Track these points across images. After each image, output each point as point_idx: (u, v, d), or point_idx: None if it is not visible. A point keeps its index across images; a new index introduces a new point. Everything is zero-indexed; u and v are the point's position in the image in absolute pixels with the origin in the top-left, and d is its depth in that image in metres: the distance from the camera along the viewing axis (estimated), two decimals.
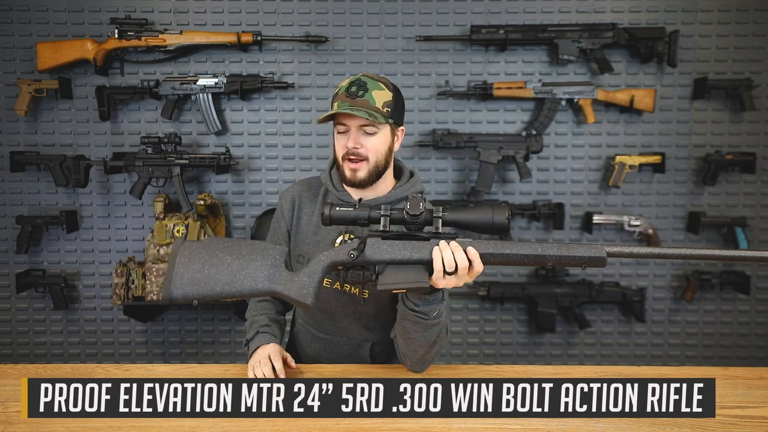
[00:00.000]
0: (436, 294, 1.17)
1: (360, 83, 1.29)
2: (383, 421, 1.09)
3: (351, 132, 1.30)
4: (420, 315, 1.18)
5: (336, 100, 1.30)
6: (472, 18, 2.46)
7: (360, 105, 1.26)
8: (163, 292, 1.06)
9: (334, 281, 1.37)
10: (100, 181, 2.52)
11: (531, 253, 1.08)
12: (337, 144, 1.34)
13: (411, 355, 1.27)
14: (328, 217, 1.12)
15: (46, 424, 1.08)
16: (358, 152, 1.29)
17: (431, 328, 1.21)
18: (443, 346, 1.28)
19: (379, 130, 1.30)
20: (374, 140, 1.30)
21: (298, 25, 2.47)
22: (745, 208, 2.54)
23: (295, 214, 1.42)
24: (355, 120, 1.28)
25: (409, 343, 1.24)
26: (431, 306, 1.18)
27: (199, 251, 1.08)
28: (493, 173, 2.42)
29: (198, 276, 1.06)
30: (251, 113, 2.51)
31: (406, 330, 1.22)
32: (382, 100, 1.29)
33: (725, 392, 1.21)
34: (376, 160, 1.31)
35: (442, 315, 1.22)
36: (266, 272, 1.08)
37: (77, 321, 2.59)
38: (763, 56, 2.47)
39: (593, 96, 2.42)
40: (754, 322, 2.59)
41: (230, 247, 1.10)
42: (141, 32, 2.36)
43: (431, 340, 1.22)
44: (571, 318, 2.55)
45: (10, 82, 2.45)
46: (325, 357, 1.45)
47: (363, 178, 1.32)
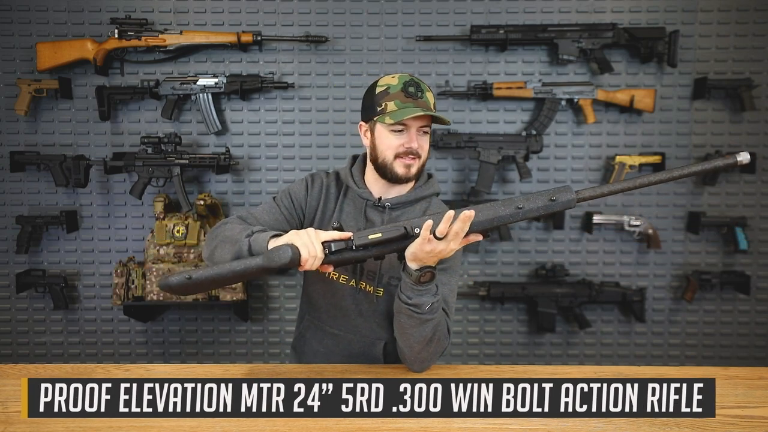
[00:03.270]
0: (429, 286, 1.19)
1: (416, 84, 1.32)
2: (383, 421, 1.09)
3: (411, 131, 1.31)
4: (413, 308, 1.20)
5: (390, 99, 1.30)
6: (472, 18, 2.46)
7: (423, 106, 1.29)
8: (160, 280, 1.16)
9: (350, 278, 1.38)
10: (100, 181, 2.52)
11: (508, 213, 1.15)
12: (391, 142, 1.32)
13: (408, 353, 1.28)
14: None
15: (46, 424, 1.08)
16: (417, 151, 1.33)
17: (426, 324, 1.22)
18: (443, 347, 1.29)
19: (429, 131, 1.36)
20: (427, 140, 1.36)
21: (298, 25, 2.47)
22: (745, 208, 2.54)
23: (321, 203, 1.42)
24: (419, 120, 1.30)
25: (405, 339, 1.26)
26: (424, 298, 1.19)
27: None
28: (493, 173, 2.42)
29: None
30: (251, 113, 2.51)
31: (402, 325, 1.24)
32: (432, 101, 1.34)
33: (725, 392, 1.21)
34: (425, 158, 1.36)
35: (437, 311, 1.22)
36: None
37: (77, 321, 2.59)
38: (763, 56, 2.47)
39: (593, 96, 2.42)
40: (754, 322, 2.60)
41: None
42: (141, 32, 2.36)
43: (426, 337, 1.23)
44: (571, 318, 2.55)
45: (10, 82, 2.45)
46: (337, 354, 1.44)
47: (414, 174, 1.36)
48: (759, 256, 2.56)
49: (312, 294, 1.48)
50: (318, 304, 1.46)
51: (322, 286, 1.43)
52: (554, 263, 2.54)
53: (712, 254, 2.57)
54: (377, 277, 1.36)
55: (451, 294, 1.35)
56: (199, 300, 2.34)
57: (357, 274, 1.37)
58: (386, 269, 1.35)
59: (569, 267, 2.55)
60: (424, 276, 1.17)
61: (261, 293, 2.59)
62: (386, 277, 1.36)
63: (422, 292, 1.19)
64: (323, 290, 1.43)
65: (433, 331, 1.24)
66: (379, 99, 1.32)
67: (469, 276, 2.59)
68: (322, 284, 1.43)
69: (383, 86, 1.32)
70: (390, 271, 1.36)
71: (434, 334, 1.24)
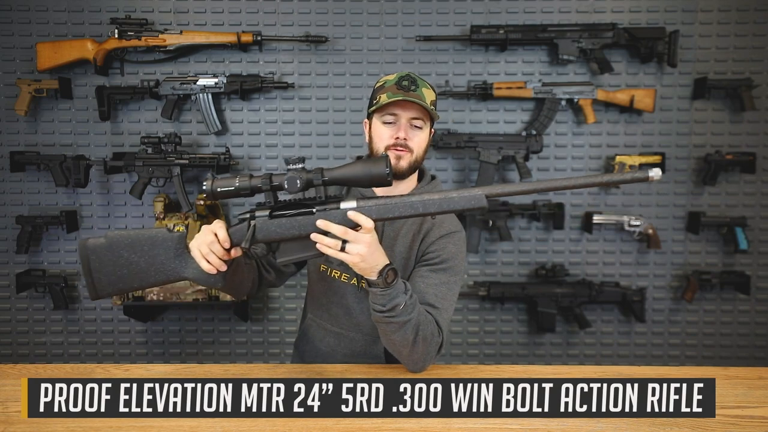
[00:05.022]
0: (396, 284, 1.16)
1: (411, 78, 1.32)
2: (383, 421, 1.09)
3: (401, 123, 1.32)
4: (387, 315, 1.17)
5: (384, 92, 1.31)
6: (472, 18, 2.46)
7: (414, 98, 1.29)
8: (89, 294, 1.16)
9: (351, 276, 1.38)
10: (100, 181, 2.52)
11: (413, 213, 1.10)
12: (382, 134, 1.34)
13: (398, 356, 1.27)
14: (211, 192, 1.12)
15: (46, 424, 1.08)
16: (406, 143, 1.32)
17: (405, 326, 1.18)
18: (434, 345, 1.25)
19: (424, 126, 1.35)
20: (420, 135, 1.35)
21: (298, 25, 2.46)
22: (745, 208, 2.54)
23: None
24: (408, 112, 1.31)
25: (391, 346, 1.24)
26: (396, 300, 1.16)
27: (104, 253, 1.14)
28: (493, 173, 2.42)
29: (114, 278, 1.15)
30: (251, 113, 2.51)
31: (384, 333, 1.22)
32: (430, 98, 1.33)
33: (725, 392, 1.21)
34: (418, 154, 1.35)
35: (412, 309, 1.19)
36: (173, 264, 1.15)
37: (77, 321, 2.59)
38: (763, 56, 2.47)
39: (593, 96, 2.42)
40: (754, 322, 2.59)
41: (132, 245, 1.15)
42: (141, 32, 2.36)
43: (409, 339, 1.20)
44: (571, 318, 2.55)
45: (10, 82, 2.45)
46: (339, 352, 1.44)
47: (404, 168, 1.34)
48: (759, 256, 2.56)
49: (314, 292, 1.48)
50: (320, 303, 1.46)
51: (324, 285, 1.43)
52: (554, 263, 2.54)
53: (712, 254, 2.57)
54: None
55: (449, 292, 1.32)
56: (199, 300, 2.34)
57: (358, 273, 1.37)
58: None
59: (569, 267, 2.55)
60: (389, 276, 1.14)
61: (261, 293, 2.59)
62: None
63: (392, 295, 1.15)
64: (325, 288, 1.44)
65: (415, 332, 1.20)
66: (376, 93, 1.35)
67: (469, 276, 2.59)
68: (324, 283, 1.43)
69: (382, 82, 1.36)
70: None
71: (417, 335, 1.21)
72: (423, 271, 1.33)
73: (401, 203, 1.11)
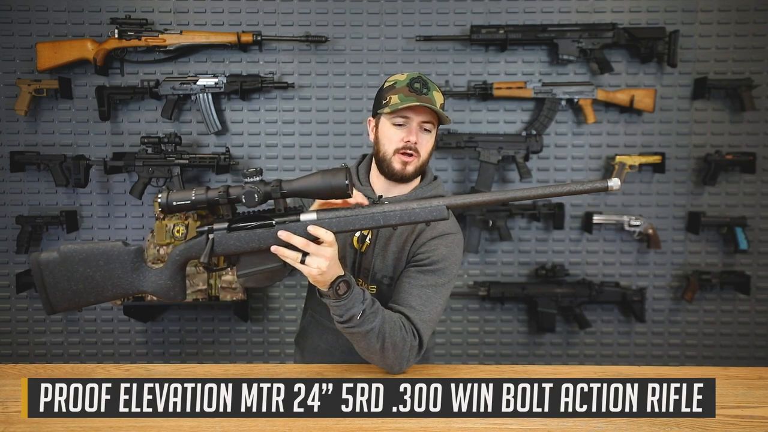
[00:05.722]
0: (350, 295, 1.13)
1: (422, 81, 1.31)
2: (383, 421, 1.09)
3: (411, 126, 1.31)
4: (346, 325, 1.15)
5: (395, 93, 1.30)
6: (472, 18, 2.46)
7: (426, 102, 1.28)
8: (45, 309, 1.12)
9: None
10: (100, 181, 2.52)
11: (374, 225, 1.10)
12: (391, 136, 1.32)
13: (371, 362, 1.25)
14: (166, 205, 1.08)
15: (46, 424, 1.07)
16: (416, 147, 1.31)
17: (368, 335, 1.16)
18: (406, 349, 1.22)
19: (433, 130, 1.34)
20: (429, 138, 1.34)
21: (298, 25, 2.47)
22: (745, 208, 2.54)
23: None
24: (420, 115, 1.30)
25: (361, 351, 1.23)
26: (350, 311, 1.13)
27: (58, 268, 1.11)
28: (493, 173, 2.42)
29: (69, 293, 1.11)
30: (251, 113, 2.51)
31: (351, 341, 1.21)
32: (440, 101, 1.33)
33: (725, 392, 1.21)
34: (424, 158, 1.34)
35: (374, 317, 1.16)
36: (130, 278, 1.12)
37: (77, 321, 2.59)
38: (763, 56, 2.48)
39: (593, 96, 2.42)
40: (754, 322, 2.60)
41: (86, 259, 1.11)
42: (141, 32, 2.36)
43: (376, 347, 1.18)
44: (571, 318, 2.55)
45: (10, 82, 2.45)
46: (338, 348, 1.44)
47: (411, 172, 1.33)
48: (759, 256, 2.56)
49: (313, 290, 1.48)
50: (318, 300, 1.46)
51: None
52: (554, 263, 2.55)
53: (712, 254, 2.57)
54: (370, 274, 1.36)
55: (434, 294, 1.29)
56: (199, 300, 2.34)
57: (354, 271, 1.37)
58: (378, 267, 1.36)
59: (569, 267, 2.55)
60: (340, 288, 1.12)
61: (261, 293, 2.59)
62: (379, 274, 1.36)
63: (347, 306, 1.13)
64: None
65: (382, 340, 1.17)
66: (386, 93, 1.33)
67: (469, 276, 2.59)
68: None
69: (392, 81, 1.34)
70: (383, 269, 1.36)
71: (385, 342, 1.18)
72: (411, 272, 1.31)
73: (362, 215, 1.10)
